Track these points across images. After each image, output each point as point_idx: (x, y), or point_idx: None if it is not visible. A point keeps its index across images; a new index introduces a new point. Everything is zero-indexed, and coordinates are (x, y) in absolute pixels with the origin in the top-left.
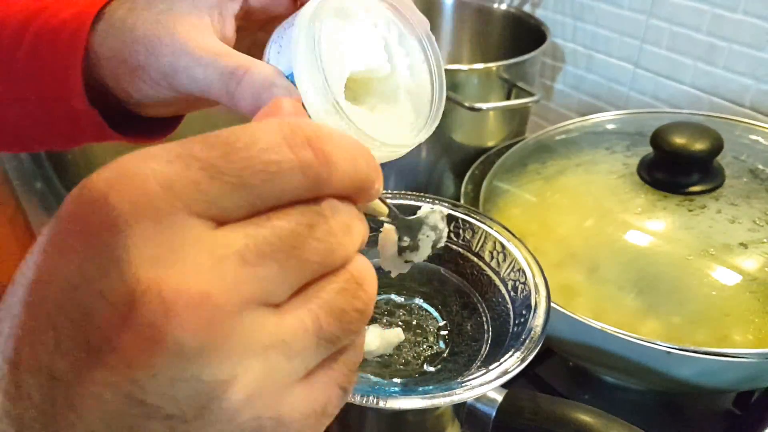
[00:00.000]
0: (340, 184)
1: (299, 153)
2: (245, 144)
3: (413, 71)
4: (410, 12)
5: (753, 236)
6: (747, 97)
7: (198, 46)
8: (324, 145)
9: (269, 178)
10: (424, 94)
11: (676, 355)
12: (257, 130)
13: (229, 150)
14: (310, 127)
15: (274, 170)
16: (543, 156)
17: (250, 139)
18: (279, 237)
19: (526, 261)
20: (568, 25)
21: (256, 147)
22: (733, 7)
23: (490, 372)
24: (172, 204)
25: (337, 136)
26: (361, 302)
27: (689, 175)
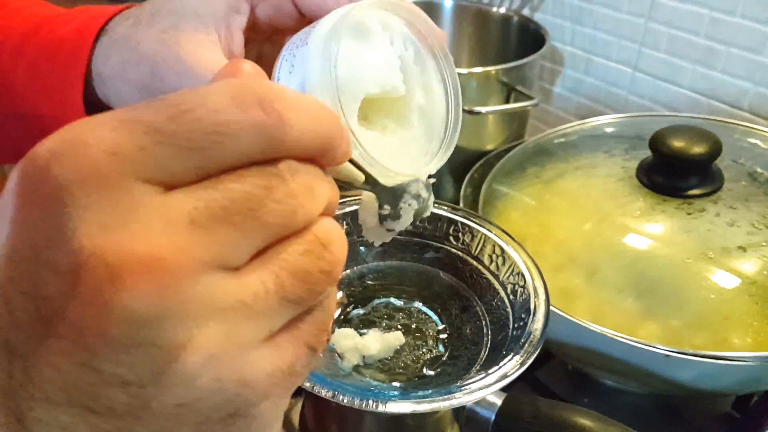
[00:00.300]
0: (298, 145)
1: (250, 113)
2: (192, 106)
3: (428, 91)
4: (427, 28)
5: (752, 239)
6: (745, 101)
7: (203, 65)
8: (277, 105)
9: (219, 139)
10: (438, 115)
11: (675, 358)
12: (205, 92)
13: (175, 113)
14: (261, 87)
15: (222, 131)
16: (542, 159)
17: (198, 100)
18: (232, 199)
19: (525, 264)
20: (567, 28)
21: (203, 108)
22: (731, 10)
23: (489, 376)
24: (117, 170)
25: (293, 95)
26: (327, 263)
27: (688, 178)
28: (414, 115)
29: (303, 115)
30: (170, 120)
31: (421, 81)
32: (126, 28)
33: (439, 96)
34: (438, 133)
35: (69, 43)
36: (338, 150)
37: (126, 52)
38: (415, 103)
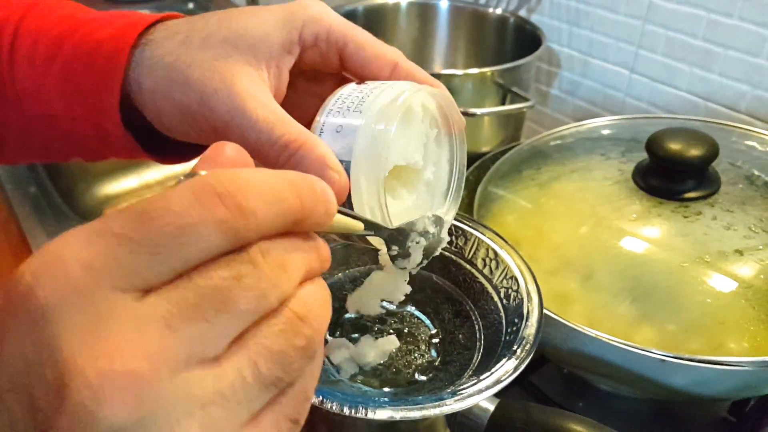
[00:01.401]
0: (265, 227)
1: (211, 210)
2: (159, 212)
3: (437, 167)
4: (453, 112)
5: (748, 243)
6: (743, 103)
7: (255, 107)
8: (238, 196)
9: (184, 240)
10: (440, 189)
11: (671, 363)
12: (171, 195)
13: (144, 220)
14: (221, 182)
15: (187, 232)
16: (538, 162)
17: (164, 205)
18: (202, 295)
19: (518, 268)
20: (564, 30)
21: (169, 212)
22: (729, 12)
23: (481, 382)
24: (94, 283)
25: (255, 180)
26: (304, 338)
27: (684, 181)
28: (422, 185)
29: (266, 198)
30: (140, 228)
31: (434, 157)
32: (176, 45)
33: (444, 173)
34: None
35: (106, 47)
36: (316, 215)
37: (174, 72)
38: (425, 176)
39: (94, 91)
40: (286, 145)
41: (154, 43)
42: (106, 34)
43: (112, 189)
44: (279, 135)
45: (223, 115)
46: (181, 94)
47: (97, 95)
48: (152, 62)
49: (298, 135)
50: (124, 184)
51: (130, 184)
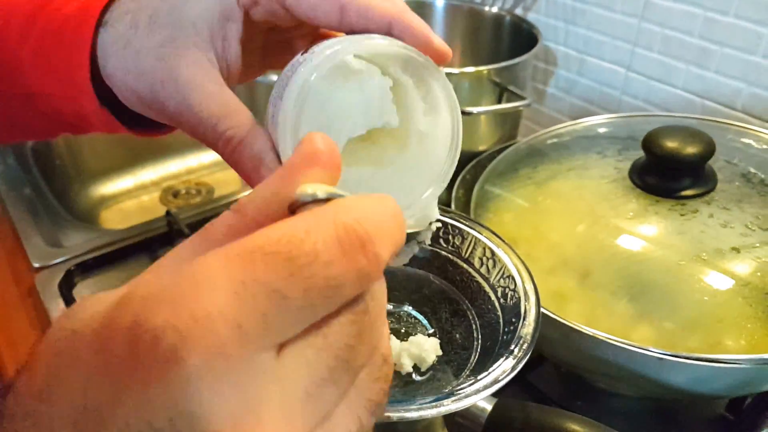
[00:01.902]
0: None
1: (356, 262)
2: (309, 259)
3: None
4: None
5: (745, 241)
6: (739, 101)
7: (200, 101)
8: (376, 247)
9: (331, 294)
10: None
11: (669, 361)
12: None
13: (293, 268)
14: (362, 225)
15: (334, 285)
16: (534, 160)
17: (312, 251)
18: (336, 357)
19: (515, 267)
20: (560, 28)
21: (318, 263)
22: (725, 10)
23: (479, 382)
24: (243, 347)
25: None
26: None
27: (681, 179)
28: (413, 139)
29: (392, 245)
30: (289, 278)
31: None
32: (125, 29)
33: (446, 116)
34: (440, 156)
35: (73, 21)
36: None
37: (125, 61)
38: (414, 129)
39: (67, 66)
40: (228, 141)
41: (108, 26)
42: (74, 7)
43: (108, 189)
44: (222, 131)
45: (172, 110)
46: (134, 82)
47: (69, 71)
48: (107, 47)
49: (240, 130)
50: (119, 185)
51: (126, 184)
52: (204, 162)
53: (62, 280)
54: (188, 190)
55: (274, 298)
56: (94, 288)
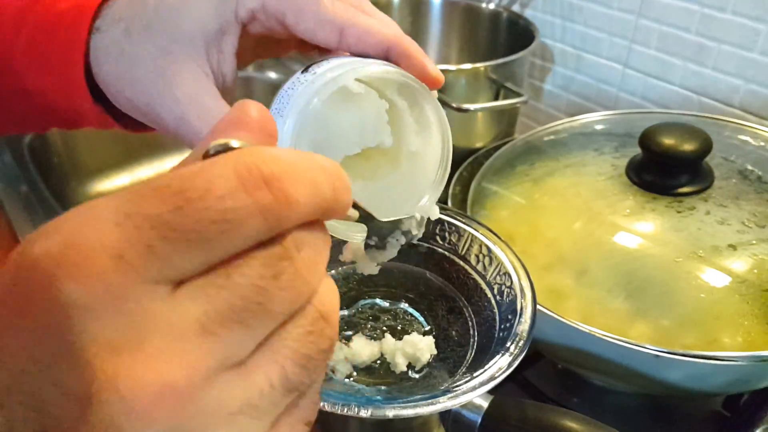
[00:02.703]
0: (304, 216)
1: (257, 196)
2: (199, 193)
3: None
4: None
5: (742, 238)
6: (736, 98)
7: (198, 116)
8: (284, 183)
9: (227, 228)
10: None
11: (665, 358)
12: (212, 175)
13: (182, 202)
14: (267, 164)
15: (231, 218)
16: (531, 157)
17: (205, 185)
18: (241, 296)
19: (512, 264)
20: (557, 25)
21: (210, 195)
22: (722, 7)
23: (475, 378)
24: (125, 275)
25: (299, 165)
26: (327, 340)
27: (678, 176)
28: (405, 157)
29: (307, 186)
30: (177, 210)
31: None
32: (119, 35)
33: (437, 137)
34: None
35: (67, 18)
36: (342, 204)
37: (121, 68)
38: (406, 150)
39: (61, 62)
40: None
41: (102, 32)
42: (68, 4)
43: (104, 186)
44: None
45: (169, 123)
46: (129, 91)
47: (63, 67)
48: (100, 54)
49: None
50: (116, 182)
51: (122, 181)
52: None
53: None
54: None
55: (159, 229)
56: None
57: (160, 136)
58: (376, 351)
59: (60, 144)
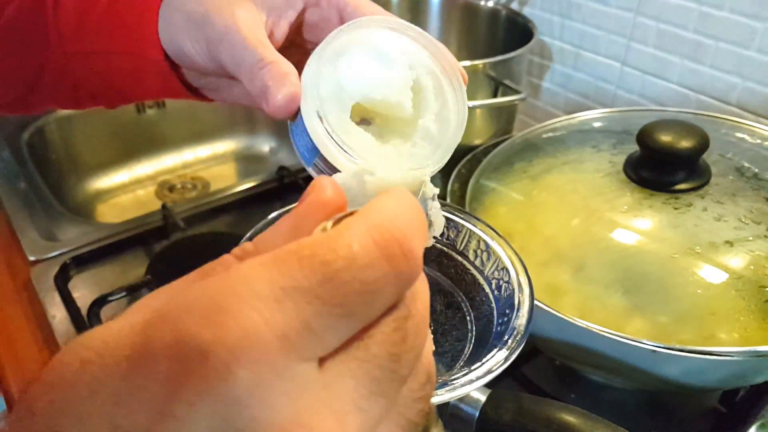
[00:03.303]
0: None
1: (395, 263)
2: (344, 263)
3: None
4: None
5: (739, 234)
6: (733, 95)
7: (245, 30)
8: (412, 243)
9: (370, 300)
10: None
11: (661, 353)
12: (352, 242)
13: (330, 273)
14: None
15: (374, 289)
16: (530, 154)
17: (347, 254)
18: (380, 366)
19: (509, 259)
20: (556, 23)
21: (355, 265)
22: (719, 5)
23: (472, 372)
24: (288, 357)
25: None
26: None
27: (675, 173)
28: (419, 135)
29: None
30: (327, 283)
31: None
32: None
33: (454, 128)
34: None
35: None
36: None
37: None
38: (424, 127)
39: (136, 22)
40: (262, 59)
41: None
42: None
43: (103, 184)
44: (259, 52)
45: (218, 29)
46: (191, 5)
47: (138, 27)
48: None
49: (275, 56)
50: (115, 179)
51: (121, 178)
52: (200, 156)
53: (58, 273)
54: (184, 185)
55: (315, 305)
56: (89, 281)
57: (159, 133)
58: None
59: (58, 141)
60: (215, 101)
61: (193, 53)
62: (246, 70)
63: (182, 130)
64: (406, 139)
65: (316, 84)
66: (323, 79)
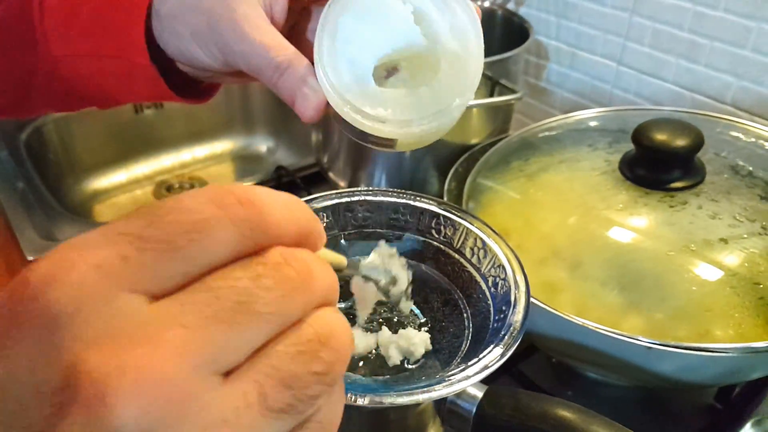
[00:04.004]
0: (283, 232)
1: (228, 209)
2: (169, 209)
3: (460, 35)
4: None
5: (733, 232)
6: (728, 94)
7: (253, 33)
8: (254, 198)
9: (197, 237)
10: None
11: (657, 350)
12: (183, 196)
13: (153, 218)
14: (240, 188)
15: (200, 228)
16: (526, 153)
17: (175, 204)
18: (218, 296)
19: (506, 257)
20: (552, 22)
21: (179, 209)
22: (714, 4)
23: (469, 368)
24: (103, 283)
25: (267, 190)
26: (323, 363)
27: (670, 171)
28: (445, 61)
29: (278, 204)
30: (149, 225)
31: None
32: None
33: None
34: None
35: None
36: (316, 233)
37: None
38: (444, 49)
39: (123, 26)
40: (278, 66)
41: None
42: None
43: (101, 184)
44: (273, 57)
45: (227, 40)
46: (192, 17)
47: (125, 30)
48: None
49: (288, 56)
50: (112, 179)
51: (119, 178)
52: (198, 156)
53: None
54: (182, 185)
55: (134, 242)
56: None
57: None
58: (372, 343)
59: (57, 141)
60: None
61: (208, 61)
62: (267, 79)
63: (180, 129)
64: (436, 69)
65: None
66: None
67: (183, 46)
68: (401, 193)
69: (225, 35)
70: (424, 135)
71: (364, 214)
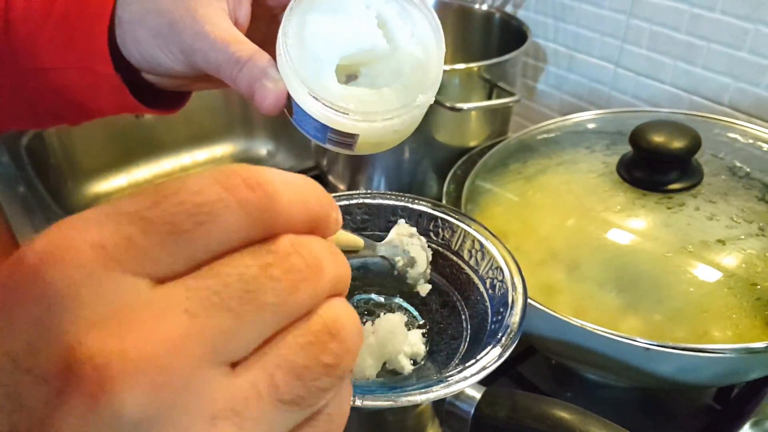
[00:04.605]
0: (293, 219)
1: (235, 192)
2: (174, 190)
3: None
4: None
5: (731, 233)
6: (726, 96)
7: (214, 31)
8: (262, 181)
9: (203, 219)
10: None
11: (655, 351)
12: (189, 177)
13: (158, 198)
14: (247, 170)
15: (207, 210)
16: (524, 155)
17: (180, 185)
18: (225, 283)
19: (503, 259)
20: (550, 25)
21: (185, 191)
22: (711, 6)
23: (467, 369)
24: (105, 265)
25: (277, 172)
26: (333, 355)
27: (668, 173)
28: (406, 66)
29: (289, 188)
30: (153, 206)
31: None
32: None
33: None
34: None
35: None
36: (331, 218)
37: (147, 2)
38: (406, 55)
39: (87, 36)
40: (237, 60)
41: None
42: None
43: (101, 187)
44: (233, 51)
45: (188, 38)
46: (153, 20)
47: (89, 41)
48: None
49: (248, 51)
50: (113, 183)
51: (120, 182)
52: (198, 160)
53: None
54: None
55: (137, 223)
56: None
57: (156, 137)
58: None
59: (57, 145)
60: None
61: (170, 64)
62: (227, 74)
63: (180, 133)
64: (397, 74)
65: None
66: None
67: (145, 51)
68: (399, 196)
69: (184, 34)
70: (387, 134)
71: (362, 217)
